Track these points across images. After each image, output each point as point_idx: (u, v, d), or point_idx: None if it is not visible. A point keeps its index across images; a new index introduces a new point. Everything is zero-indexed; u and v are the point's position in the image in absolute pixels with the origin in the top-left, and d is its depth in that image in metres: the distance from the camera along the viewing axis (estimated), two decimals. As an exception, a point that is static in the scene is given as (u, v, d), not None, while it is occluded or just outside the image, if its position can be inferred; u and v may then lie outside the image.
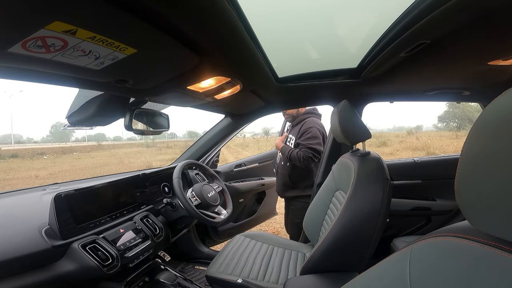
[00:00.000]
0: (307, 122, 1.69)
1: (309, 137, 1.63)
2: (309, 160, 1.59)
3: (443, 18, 0.59)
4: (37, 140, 77.11)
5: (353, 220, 0.89)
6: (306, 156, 1.58)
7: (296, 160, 1.61)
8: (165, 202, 1.23)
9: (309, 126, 1.65)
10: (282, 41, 0.93)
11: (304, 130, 1.66)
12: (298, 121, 1.75)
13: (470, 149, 0.32)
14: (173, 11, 0.46)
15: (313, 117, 1.74)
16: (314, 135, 1.63)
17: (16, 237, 0.77)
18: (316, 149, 1.61)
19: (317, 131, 1.64)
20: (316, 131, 1.64)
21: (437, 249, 0.37)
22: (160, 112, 1.13)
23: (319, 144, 1.63)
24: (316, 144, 1.62)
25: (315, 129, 1.65)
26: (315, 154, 1.61)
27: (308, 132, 1.64)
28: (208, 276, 1.09)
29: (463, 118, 26.04)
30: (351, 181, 0.95)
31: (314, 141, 1.62)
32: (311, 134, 1.63)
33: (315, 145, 1.61)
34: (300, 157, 1.59)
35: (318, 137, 1.64)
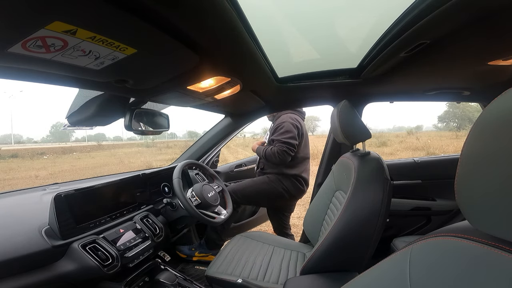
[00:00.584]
0: (280, 118, 1.70)
1: (282, 132, 1.63)
2: (284, 154, 1.59)
3: (443, 18, 0.59)
4: (37, 140, 77.14)
5: (353, 220, 0.89)
6: (281, 151, 1.59)
7: (271, 156, 1.61)
8: (165, 202, 1.23)
9: (282, 121, 1.66)
10: (282, 41, 0.93)
11: (277, 126, 1.67)
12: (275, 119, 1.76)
13: (470, 149, 0.32)
14: (173, 11, 0.46)
15: (289, 113, 1.73)
16: (287, 129, 1.63)
17: (16, 237, 0.77)
18: (289, 142, 1.61)
19: (289, 125, 1.64)
20: (289, 125, 1.64)
21: (437, 249, 0.37)
22: (160, 112, 1.13)
23: (292, 138, 1.62)
24: (289, 138, 1.61)
25: (287, 124, 1.64)
26: (289, 147, 1.60)
27: (280, 127, 1.65)
28: (208, 276, 1.09)
29: (463, 118, 26.05)
30: (351, 181, 0.95)
31: (287, 135, 1.62)
32: (284, 129, 1.63)
33: (288, 138, 1.61)
34: (275, 152, 1.60)
35: (291, 130, 1.63)
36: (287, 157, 1.61)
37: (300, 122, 1.72)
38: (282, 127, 1.65)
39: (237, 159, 2.21)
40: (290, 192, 1.69)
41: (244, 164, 2.07)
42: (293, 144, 1.62)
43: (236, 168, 2.01)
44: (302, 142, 1.72)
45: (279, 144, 1.61)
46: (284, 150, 1.59)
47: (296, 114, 1.76)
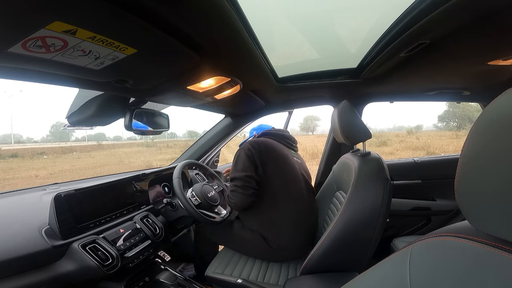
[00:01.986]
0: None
1: (232, 168, 1.22)
2: (236, 195, 1.15)
3: (443, 18, 0.59)
4: (37, 140, 77.12)
5: (353, 220, 0.89)
6: (230, 194, 1.19)
7: (229, 203, 1.23)
8: (165, 202, 1.23)
9: (236, 154, 1.24)
10: (282, 41, 0.93)
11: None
12: None
13: (470, 149, 0.32)
14: (173, 11, 0.46)
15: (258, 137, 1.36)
16: (236, 161, 1.20)
17: (16, 237, 0.77)
18: (236, 177, 1.16)
19: (242, 155, 1.18)
20: (241, 155, 1.19)
21: (437, 249, 0.37)
22: (160, 112, 1.13)
23: (241, 170, 1.15)
24: (235, 171, 1.17)
25: (240, 153, 1.21)
26: (236, 185, 1.15)
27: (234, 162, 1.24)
28: (208, 276, 1.09)
29: (463, 117, 26.05)
30: (352, 181, 0.95)
31: (234, 169, 1.18)
32: (234, 162, 1.23)
33: (234, 172, 1.17)
34: (228, 198, 1.21)
35: (241, 160, 1.18)
36: (241, 199, 1.14)
37: (262, 146, 1.22)
38: (234, 160, 1.23)
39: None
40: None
41: None
42: (240, 178, 1.14)
43: None
44: (273, 173, 1.18)
45: (230, 184, 1.21)
46: (232, 190, 1.18)
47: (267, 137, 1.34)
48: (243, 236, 1.24)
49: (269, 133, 1.40)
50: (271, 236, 1.16)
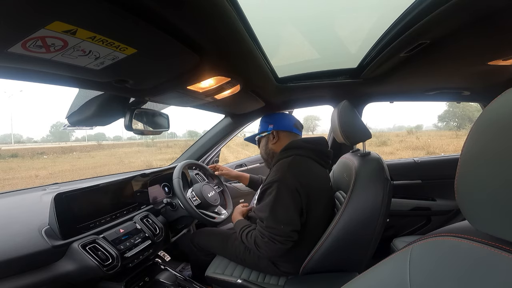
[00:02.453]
0: (272, 170, 1.01)
1: (265, 203, 0.93)
2: (271, 247, 0.89)
3: (443, 18, 0.59)
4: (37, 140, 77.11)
5: (353, 220, 0.89)
6: (261, 241, 0.91)
7: (252, 245, 0.95)
8: (165, 202, 1.23)
9: (270, 180, 0.95)
10: (282, 41, 0.93)
11: (263, 188, 0.97)
12: (273, 164, 1.07)
13: (470, 149, 0.32)
14: (173, 11, 0.46)
15: (291, 153, 1.02)
16: (275, 199, 0.91)
17: (16, 237, 0.77)
18: (274, 227, 0.89)
19: (285, 193, 0.91)
20: (285, 193, 0.91)
21: (437, 249, 0.37)
22: (160, 112, 1.13)
23: (285, 220, 0.89)
24: (274, 218, 0.89)
25: (280, 187, 0.91)
26: (274, 237, 0.88)
27: (266, 191, 0.96)
28: (208, 276, 1.09)
29: (463, 117, 26.03)
30: (352, 181, 0.95)
31: (272, 212, 0.90)
32: (268, 195, 0.94)
33: (273, 219, 0.89)
34: (252, 241, 0.94)
35: (284, 204, 0.90)
36: (277, 251, 0.90)
37: (310, 180, 0.96)
38: (269, 189, 0.95)
39: (237, 159, 2.20)
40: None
41: (245, 164, 2.07)
42: (285, 232, 0.88)
43: (236, 168, 2.00)
44: (312, 219, 0.95)
45: (259, 227, 0.94)
46: (268, 241, 0.90)
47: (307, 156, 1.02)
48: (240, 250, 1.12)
49: (306, 148, 1.04)
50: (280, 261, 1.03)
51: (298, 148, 1.05)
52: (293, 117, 1.22)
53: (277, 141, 1.16)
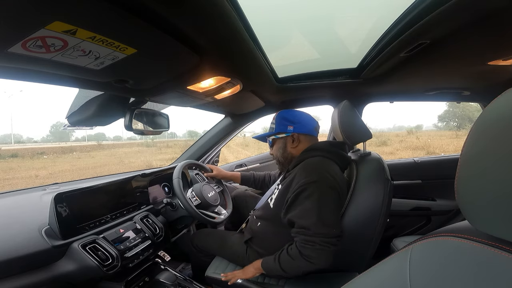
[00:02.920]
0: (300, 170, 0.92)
1: (306, 208, 0.83)
2: (323, 252, 0.79)
3: (443, 18, 0.59)
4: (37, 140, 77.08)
5: (354, 220, 0.89)
6: (312, 251, 0.79)
7: (297, 260, 0.82)
8: (165, 202, 1.23)
9: (305, 181, 0.86)
10: (282, 41, 0.93)
11: (297, 191, 0.86)
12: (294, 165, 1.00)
13: (470, 149, 0.32)
14: (173, 11, 0.46)
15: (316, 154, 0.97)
16: (321, 202, 0.83)
17: (16, 237, 0.77)
18: (323, 233, 0.80)
19: (328, 191, 0.85)
20: (328, 192, 0.85)
21: (437, 249, 0.37)
22: (160, 112, 1.13)
23: (334, 222, 0.83)
24: (321, 222, 0.80)
25: (322, 186, 0.84)
26: (328, 241, 0.80)
27: (301, 194, 0.85)
28: (208, 276, 1.09)
29: (463, 117, 26.02)
30: (352, 181, 0.95)
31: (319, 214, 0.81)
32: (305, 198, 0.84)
33: (321, 224, 0.80)
34: (298, 255, 0.81)
35: (329, 205, 0.84)
36: (329, 254, 0.80)
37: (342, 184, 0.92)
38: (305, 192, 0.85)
39: (237, 159, 2.20)
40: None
41: (245, 164, 2.06)
42: (337, 235, 0.82)
43: (237, 168, 2.00)
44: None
45: (302, 237, 0.82)
46: (321, 248, 0.79)
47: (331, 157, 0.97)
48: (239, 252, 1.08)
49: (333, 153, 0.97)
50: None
51: (323, 150, 0.98)
52: (313, 119, 1.09)
53: (297, 145, 1.04)
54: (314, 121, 1.08)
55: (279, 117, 1.07)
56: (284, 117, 1.06)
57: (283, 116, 1.06)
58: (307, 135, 1.05)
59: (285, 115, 1.07)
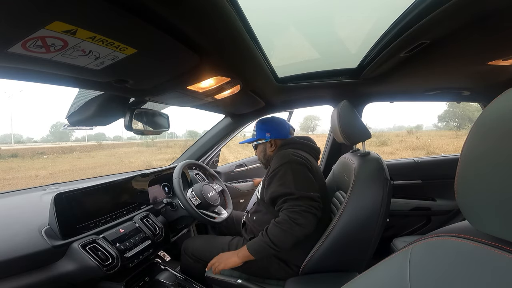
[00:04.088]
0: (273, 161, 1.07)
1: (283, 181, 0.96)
2: (309, 218, 0.90)
3: (443, 18, 0.59)
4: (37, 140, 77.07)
5: (353, 220, 0.89)
6: (299, 214, 0.89)
7: (286, 226, 0.89)
8: (165, 202, 1.23)
9: (276, 165, 1.01)
10: (282, 41, 0.93)
11: (271, 174, 1.02)
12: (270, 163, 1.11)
13: (470, 149, 0.32)
14: (173, 11, 0.46)
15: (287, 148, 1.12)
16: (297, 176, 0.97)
17: (16, 237, 0.77)
18: (307, 197, 0.92)
19: (301, 169, 1.00)
20: (301, 169, 1.00)
21: (437, 249, 0.37)
22: (160, 112, 1.13)
23: (307, 188, 0.95)
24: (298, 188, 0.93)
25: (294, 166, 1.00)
26: (311, 204, 0.92)
27: (275, 176, 1.00)
28: (208, 276, 1.09)
29: (463, 117, 26.03)
30: (351, 181, 0.95)
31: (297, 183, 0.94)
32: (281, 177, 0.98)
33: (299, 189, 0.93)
34: (288, 221, 0.89)
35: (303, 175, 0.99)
36: (314, 223, 0.91)
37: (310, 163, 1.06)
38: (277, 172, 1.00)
39: (237, 159, 2.20)
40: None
41: (245, 164, 2.06)
42: (314, 198, 0.94)
43: (237, 168, 2.00)
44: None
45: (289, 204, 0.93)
46: (304, 210, 0.90)
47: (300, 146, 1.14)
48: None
49: (301, 144, 1.15)
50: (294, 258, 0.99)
51: (293, 143, 1.17)
52: (287, 123, 1.27)
53: (275, 148, 1.22)
54: (287, 125, 1.27)
55: (257, 127, 1.26)
56: (262, 126, 1.25)
57: (260, 126, 1.25)
58: (282, 139, 1.22)
59: (262, 124, 1.25)
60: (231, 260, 0.99)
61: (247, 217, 1.21)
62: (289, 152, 1.07)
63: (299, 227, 0.88)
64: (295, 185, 0.94)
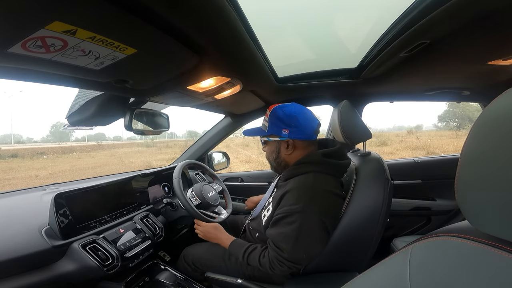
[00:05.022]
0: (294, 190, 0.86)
1: (285, 233, 0.82)
2: (286, 271, 0.85)
3: (442, 18, 0.59)
4: (37, 140, 77.10)
5: (354, 220, 0.89)
6: (278, 268, 0.84)
7: (263, 267, 0.87)
8: (165, 202, 1.23)
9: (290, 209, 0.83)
10: (282, 41, 0.93)
11: (281, 215, 0.85)
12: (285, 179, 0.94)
13: (470, 149, 0.32)
14: (173, 11, 0.46)
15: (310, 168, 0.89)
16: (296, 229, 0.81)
17: (16, 237, 0.77)
18: (294, 259, 0.83)
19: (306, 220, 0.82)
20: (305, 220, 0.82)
21: (437, 249, 0.37)
22: (160, 112, 1.13)
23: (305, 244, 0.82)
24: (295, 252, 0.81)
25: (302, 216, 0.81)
26: (294, 266, 0.84)
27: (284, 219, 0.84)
28: (208, 276, 1.09)
29: (463, 117, 26.02)
30: (352, 181, 0.95)
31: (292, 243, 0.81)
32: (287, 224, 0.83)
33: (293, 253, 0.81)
34: (267, 265, 0.85)
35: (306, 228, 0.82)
36: (285, 273, 0.88)
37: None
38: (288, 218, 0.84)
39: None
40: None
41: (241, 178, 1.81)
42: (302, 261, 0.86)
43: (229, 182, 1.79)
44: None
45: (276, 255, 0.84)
46: (286, 269, 0.84)
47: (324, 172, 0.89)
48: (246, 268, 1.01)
49: (327, 164, 0.90)
50: None
51: (316, 163, 0.89)
52: (315, 117, 0.95)
53: (292, 152, 0.93)
54: (314, 122, 0.93)
55: (273, 116, 0.92)
56: (280, 118, 0.91)
57: (278, 115, 0.91)
58: (304, 141, 0.93)
59: (281, 114, 0.91)
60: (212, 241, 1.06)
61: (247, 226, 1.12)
62: (310, 186, 0.85)
63: (272, 273, 0.88)
64: (293, 246, 0.81)
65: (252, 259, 0.90)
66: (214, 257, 1.09)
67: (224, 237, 1.02)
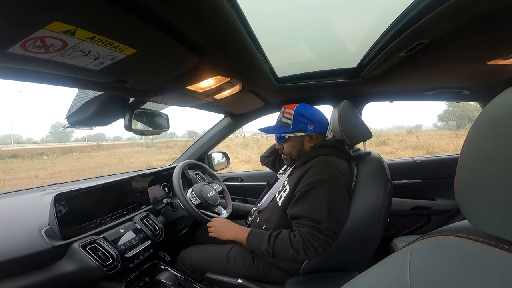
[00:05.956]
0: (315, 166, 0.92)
1: (317, 204, 0.84)
2: (321, 249, 0.83)
3: (442, 17, 0.59)
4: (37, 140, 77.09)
5: (355, 220, 0.89)
6: (314, 244, 0.82)
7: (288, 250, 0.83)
8: (165, 202, 1.23)
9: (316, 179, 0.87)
10: (282, 41, 0.93)
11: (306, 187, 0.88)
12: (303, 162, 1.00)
13: (470, 149, 0.32)
14: (173, 11, 0.46)
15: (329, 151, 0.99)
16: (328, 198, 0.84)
17: (16, 237, 0.77)
18: (331, 230, 0.83)
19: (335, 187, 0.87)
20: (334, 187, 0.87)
21: (437, 248, 0.37)
22: (160, 112, 1.13)
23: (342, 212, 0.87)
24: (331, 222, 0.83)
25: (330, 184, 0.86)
26: (330, 239, 0.83)
27: (310, 191, 0.87)
28: (208, 276, 1.09)
29: (462, 117, 26.03)
30: (353, 181, 0.95)
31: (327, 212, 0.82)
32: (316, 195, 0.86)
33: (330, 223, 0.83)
34: (301, 243, 0.82)
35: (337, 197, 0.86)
36: (322, 251, 0.84)
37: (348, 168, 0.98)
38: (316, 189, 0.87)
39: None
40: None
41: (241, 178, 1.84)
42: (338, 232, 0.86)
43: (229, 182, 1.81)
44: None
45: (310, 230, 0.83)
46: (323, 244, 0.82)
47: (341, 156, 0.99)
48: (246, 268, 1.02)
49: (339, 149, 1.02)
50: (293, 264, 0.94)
51: (333, 147, 1.02)
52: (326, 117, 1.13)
53: (314, 144, 1.05)
54: (327, 118, 1.12)
55: (298, 114, 1.04)
56: (303, 115, 1.04)
57: (302, 113, 1.04)
58: (322, 134, 1.08)
59: (304, 112, 1.04)
60: (226, 235, 0.99)
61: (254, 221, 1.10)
62: (334, 163, 0.91)
63: (304, 255, 0.82)
64: (328, 213, 0.82)
65: (281, 242, 0.85)
66: (212, 261, 1.09)
67: (239, 229, 0.99)
